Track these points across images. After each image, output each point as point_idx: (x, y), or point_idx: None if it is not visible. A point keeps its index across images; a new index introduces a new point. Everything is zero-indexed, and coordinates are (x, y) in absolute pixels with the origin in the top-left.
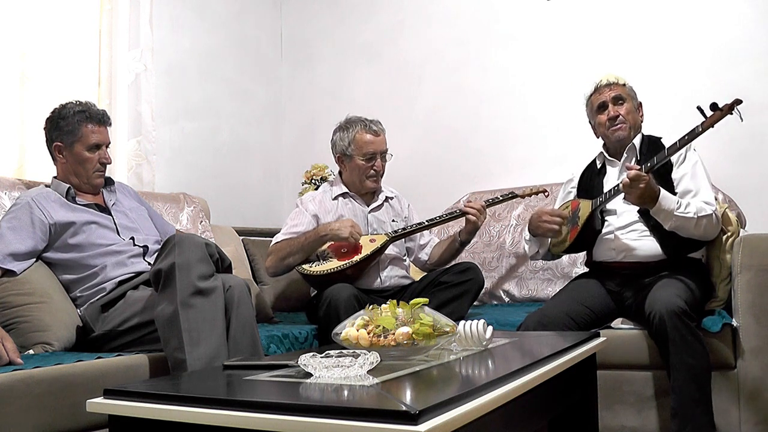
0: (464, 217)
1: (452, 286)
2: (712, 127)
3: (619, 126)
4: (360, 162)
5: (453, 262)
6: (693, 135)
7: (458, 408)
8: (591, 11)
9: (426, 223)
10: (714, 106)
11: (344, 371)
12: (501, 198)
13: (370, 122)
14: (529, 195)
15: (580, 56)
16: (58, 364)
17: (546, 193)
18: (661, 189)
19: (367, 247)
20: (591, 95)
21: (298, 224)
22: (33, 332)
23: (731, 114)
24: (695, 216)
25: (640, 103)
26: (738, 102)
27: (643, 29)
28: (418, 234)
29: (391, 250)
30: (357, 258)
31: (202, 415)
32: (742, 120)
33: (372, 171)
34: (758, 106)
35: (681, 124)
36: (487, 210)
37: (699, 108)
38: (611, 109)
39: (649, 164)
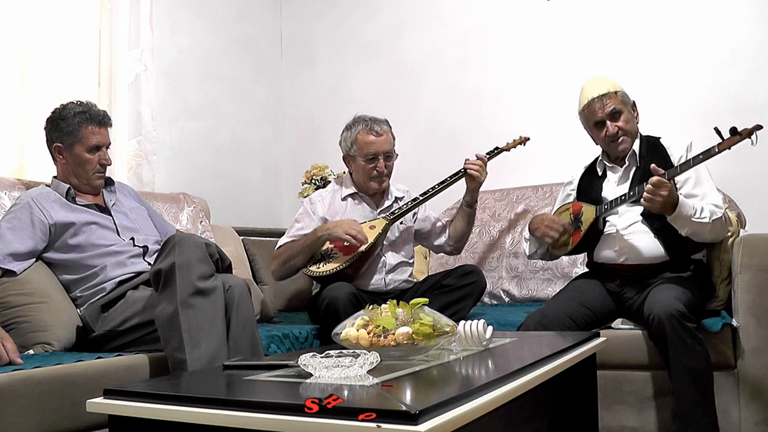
0: (464, 179)
1: (454, 290)
2: (729, 149)
3: (621, 140)
4: (362, 163)
5: (455, 266)
6: (708, 154)
7: (458, 408)
8: (591, 12)
9: (420, 198)
10: (734, 131)
11: (344, 371)
12: (488, 155)
13: (374, 122)
14: (514, 146)
15: (580, 56)
16: (58, 364)
17: (528, 139)
18: (680, 195)
19: (369, 236)
20: (584, 110)
21: (304, 227)
22: (33, 332)
23: (749, 138)
24: (711, 221)
25: (634, 103)
26: (758, 128)
27: (643, 29)
28: (432, 223)
29: (395, 254)
30: (362, 248)
31: (202, 415)
32: (753, 144)
33: (374, 172)
34: (758, 107)
35: (680, 124)
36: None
37: (716, 129)
38: (610, 125)
39: (668, 174)
